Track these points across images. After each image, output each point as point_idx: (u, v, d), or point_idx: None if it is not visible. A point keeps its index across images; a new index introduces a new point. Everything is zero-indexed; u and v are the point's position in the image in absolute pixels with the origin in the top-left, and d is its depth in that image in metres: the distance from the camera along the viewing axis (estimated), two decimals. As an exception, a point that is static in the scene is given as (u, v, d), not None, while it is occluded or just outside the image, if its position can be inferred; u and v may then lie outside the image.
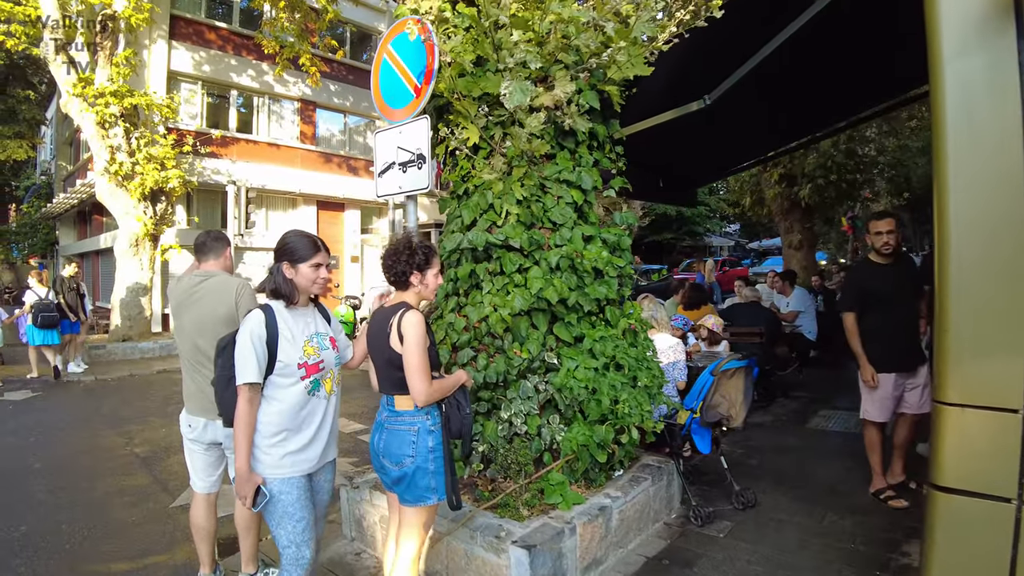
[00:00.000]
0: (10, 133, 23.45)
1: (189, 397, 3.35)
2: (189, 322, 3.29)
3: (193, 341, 3.28)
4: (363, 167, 20.65)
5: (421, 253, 2.81)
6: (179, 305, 3.34)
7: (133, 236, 12.68)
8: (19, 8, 12.57)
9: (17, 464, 6.07)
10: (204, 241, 3.47)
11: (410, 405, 2.68)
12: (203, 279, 3.34)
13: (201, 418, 3.29)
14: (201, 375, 3.27)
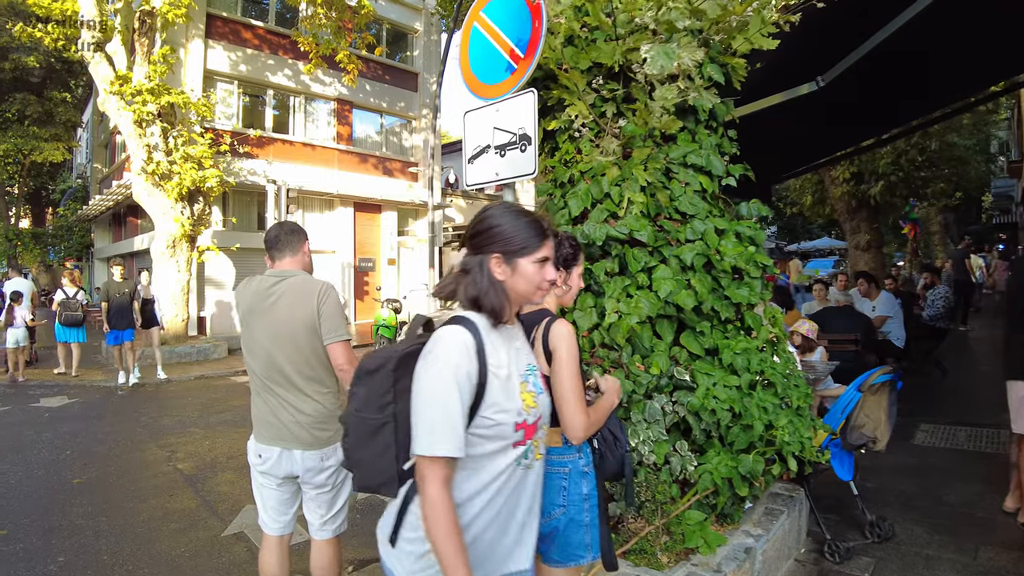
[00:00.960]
0: (47, 136, 23.49)
1: (260, 422, 2.79)
2: (262, 332, 2.72)
3: (267, 355, 2.71)
4: (399, 168, 20.23)
5: (568, 245, 2.22)
6: (250, 312, 2.78)
7: (170, 237, 12.31)
8: (56, 4, 12.34)
9: (55, 481, 5.60)
10: (276, 235, 2.88)
11: (558, 441, 2.07)
12: (278, 280, 2.77)
13: (275, 447, 2.73)
14: (276, 396, 2.72)
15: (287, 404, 2.71)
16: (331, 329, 2.71)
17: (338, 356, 2.71)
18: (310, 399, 2.73)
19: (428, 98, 20.81)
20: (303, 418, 2.71)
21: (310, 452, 2.71)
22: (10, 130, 23.06)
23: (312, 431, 2.71)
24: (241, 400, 9.16)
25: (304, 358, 2.71)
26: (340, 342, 2.72)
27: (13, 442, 7.01)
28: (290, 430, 2.70)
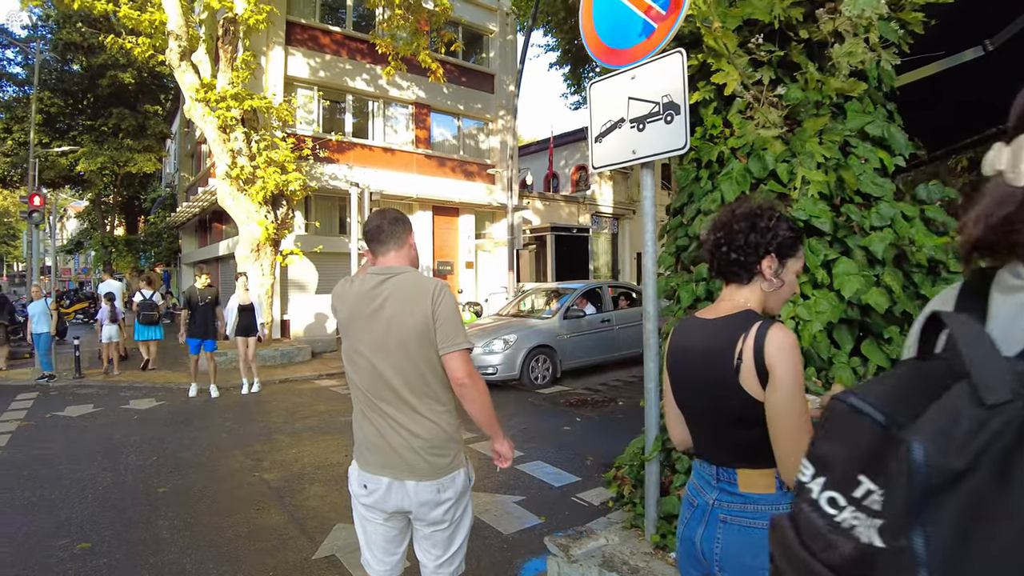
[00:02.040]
0: (140, 147, 24.41)
1: (366, 447, 2.35)
2: (367, 341, 2.30)
3: (373, 367, 2.28)
4: (476, 171, 19.99)
5: (786, 228, 1.71)
6: (351, 317, 2.35)
7: (254, 241, 12.36)
8: (145, 16, 12.62)
9: (141, 489, 5.43)
10: (378, 225, 2.42)
11: (770, 485, 1.59)
12: (384, 278, 2.34)
13: (383, 477, 2.29)
14: (384, 416, 2.29)
15: (397, 425, 2.28)
16: (448, 336, 2.26)
17: (457, 368, 2.25)
18: (424, 419, 2.28)
19: (504, 99, 20.54)
20: (417, 442, 2.27)
21: (425, 483, 2.27)
22: (107, 143, 24.07)
23: (427, 457, 2.27)
24: (327, 405, 8.97)
25: (417, 370, 2.27)
26: (459, 351, 2.26)
27: (103, 444, 6.98)
28: (401, 456, 2.27)
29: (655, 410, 3.18)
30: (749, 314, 1.64)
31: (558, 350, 10.19)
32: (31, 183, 18.13)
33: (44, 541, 4.37)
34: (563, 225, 21.18)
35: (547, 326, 10.33)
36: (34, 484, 5.63)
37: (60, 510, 4.95)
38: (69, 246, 41.91)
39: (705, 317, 1.79)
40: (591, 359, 10.88)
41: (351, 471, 2.44)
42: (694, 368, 1.74)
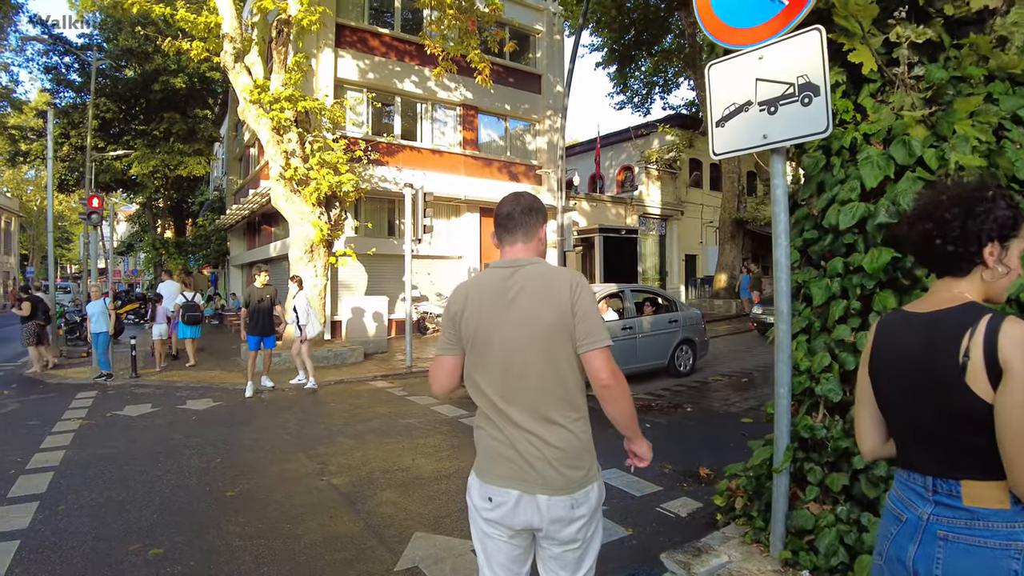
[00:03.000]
0: (191, 151, 24.80)
1: (492, 457, 2.12)
2: (498, 338, 2.07)
3: (505, 368, 2.05)
4: (523, 172, 19.83)
5: (1005, 207, 1.44)
6: (480, 312, 2.12)
7: (308, 242, 12.33)
8: (200, 19, 12.70)
9: (207, 492, 5.30)
10: (509, 212, 2.19)
11: (1002, 500, 1.36)
12: (514, 269, 2.12)
13: (512, 490, 2.05)
14: (513, 424, 2.06)
15: (529, 434, 2.04)
16: (590, 331, 2.01)
17: (601, 367, 2.00)
18: (559, 427, 2.04)
19: (551, 99, 20.35)
20: (551, 452, 2.03)
21: (558, 498, 2.03)
22: (158, 147, 24.54)
23: (562, 469, 2.03)
24: (386, 407, 8.80)
25: (555, 372, 2.03)
26: (601, 348, 2.01)
27: (164, 445, 6.90)
28: (534, 468, 2.03)
29: (786, 418, 2.89)
30: (973, 306, 1.44)
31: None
32: (88, 186, 18.47)
33: (115, 545, 4.25)
34: (611, 226, 20.86)
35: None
36: (100, 485, 5.55)
37: (128, 512, 4.84)
38: (121, 248, 42.92)
39: (916, 311, 1.55)
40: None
41: (471, 482, 2.20)
42: (908, 369, 1.53)
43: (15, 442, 7.17)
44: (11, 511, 4.91)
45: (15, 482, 5.64)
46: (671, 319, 10.51)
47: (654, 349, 10.24)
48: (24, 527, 4.57)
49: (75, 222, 56.07)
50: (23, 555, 4.11)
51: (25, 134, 28.66)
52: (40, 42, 24.75)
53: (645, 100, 28.58)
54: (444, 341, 2.23)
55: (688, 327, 10.70)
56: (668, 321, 10.46)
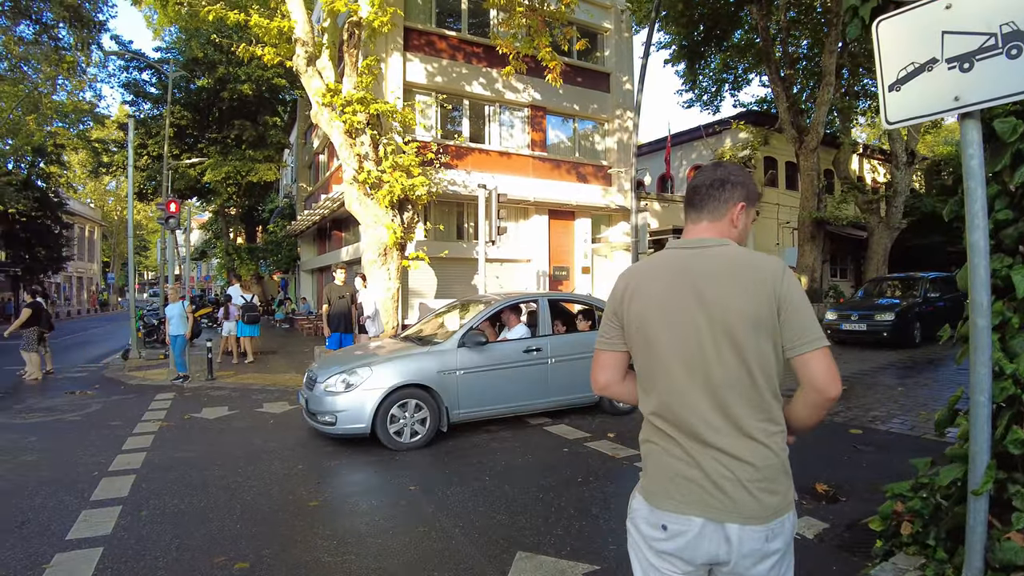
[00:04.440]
0: (261, 157, 25.28)
1: (668, 476, 1.73)
2: (679, 332, 1.71)
3: (684, 368, 1.70)
4: (592, 172, 19.38)
5: None
6: (652, 302, 1.76)
7: (381, 245, 12.20)
8: (274, 23, 12.76)
9: (290, 500, 5.07)
10: (697, 184, 1.85)
11: None
12: (697, 249, 1.77)
13: (695, 517, 1.66)
14: (696, 438, 1.69)
15: (718, 450, 1.66)
16: (805, 329, 1.64)
17: (821, 372, 1.63)
18: (755, 442, 1.66)
19: (620, 98, 19.86)
20: (745, 472, 1.64)
21: (752, 527, 1.63)
22: (231, 154, 25.10)
23: (758, 493, 1.63)
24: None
25: (749, 375, 1.65)
26: (822, 349, 1.64)
27: (244, 449, 6.77)
28: (724, 491, 1.64)
29: (986, 432, 2.38)
30: None
31: (443, 392, 6.93)
32: (165, 193, 18.96)
33: (200, 556, 4.03)
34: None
35: (430, 357, 7.07)
36: (181, 490, 5.40)
37: (211, 521, 4.64)
38: (195, 255, 44.36)
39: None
40: (505, 406, 7.45)
41: (637, 506, 1.82)
42: None
43: (99, 442, 7.16)
44: (94, 515, 4.78)
45: (98, 484, 5.55)
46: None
47: (576, 378, 7.61)
48: (107, 533, 4.42)
49: (152, 230, 58.49)
50: (106, 563, 3.94)
51: (107, 146, 29.86)
52: (120, 56, 25.72)
53: (715, 98, 27.68)
54: (604, 334, 1.90)
55: None
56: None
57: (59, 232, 38.56)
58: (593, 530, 4.32)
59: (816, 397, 1.65)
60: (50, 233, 36.80)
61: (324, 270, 24.09)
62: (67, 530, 4.48)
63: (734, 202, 1.81)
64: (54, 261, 38.37)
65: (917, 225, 24.96)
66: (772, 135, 23.82)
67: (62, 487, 5.53)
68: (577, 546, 4.05)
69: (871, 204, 21.45)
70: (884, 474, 4.94)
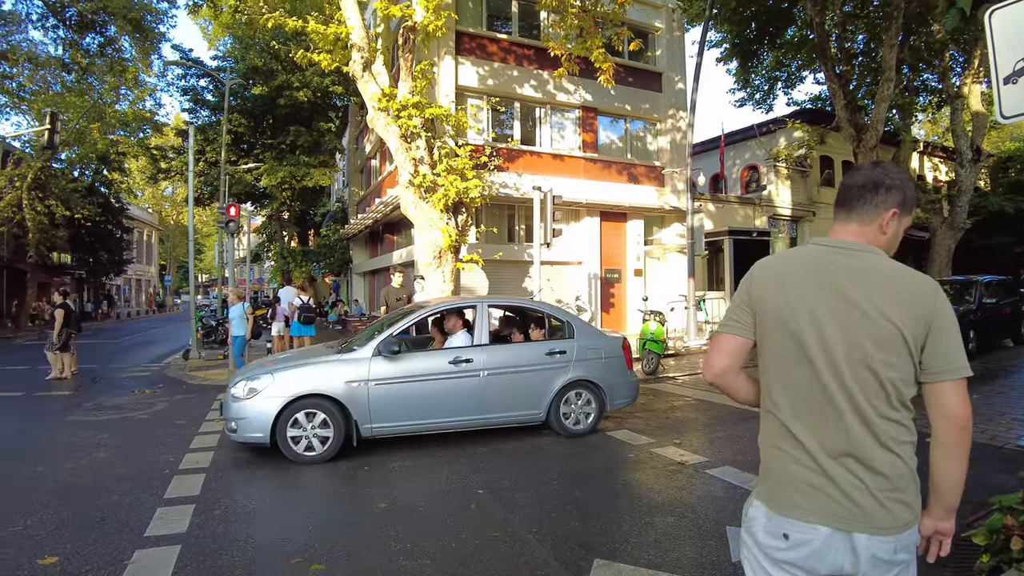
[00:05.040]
0: (316, 162, 25.73)
1: (792, 483, 1.67)
2: (815, 333, 1.64)
3: (826, 369, 1.63)
4: (644, 174, 19.15)
5: None
6: (795, 295, 1.68)
7: (436, 248, 12.24)
8: (330, 29, 12.93)
9: (359, 502, 5.10)
10: (850, 183, 1.77)
11: None
12: (845, 252, 1.69)
13: (820, 526, 1.60)
14: (826, 444, 1.63)
15: (848, 457, 1.60)
16: (950, 355, 1.59)
17: (957, 403, 1.59)
18: (887, 450, 1.59)
19: (673, 98, 19.61)
20: (876, 481, 1.58)
21: (881, 538, 1.58)
22: (286, 159, 25.62)
23: (888, 503, 1.58)
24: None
25: (886, 384, 1.59)
26: (962, 380, 1.60)
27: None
28: (853, 500, 1.58)
29: None
30: None
31: (353, 404, 6.38)
32: (222, 198, 19.42)
33: (274, 557, 4.06)
34: (740, 228, 19.80)
35: (340, 366, 6.55)
36: (251, 489, 5.49)
37: (282, 521, 4.69)
38: (249, 257, 45.46)
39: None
40: (427, 423, 6.77)
41: (755, 513, 1.74)
42: None
43: (168, 441, 7.33)
44: (169, 512, 4.86)
45: (171, 482, 5.66)
46: (553, 350, 7.20)
47: (517, 394, 7.01)
48: (183, 531, 4.48)
49: (207, 234, 60.19)
50: (185, 561, 3.98)
51: (165, 153, 30.83)
52: (180, 65, 26.51)
53: (767, 96, 27.10)
54: (731, 318, 1.82)
55: (589, 363, 7.25)
56: (546, 353, 7.16)
57: (120, 236, 40.13)
58: (668, 538, 4.21)
59: (953, 426, 1.59)
60: (112, 237, 38.30)
61: (376, 273, 24.39)
62: (145, 527, 4.55)
63: (886, 208, 1.72)
64: (116, 264, 39.94)
65: (982, 225, 24.01)
66: (828, 133, 23.21)
67: (137, 484, 5.65)
68: (654, 555, 3.94)
69: (933, 204, 20.67)
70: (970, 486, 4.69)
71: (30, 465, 6.37)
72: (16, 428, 8.54)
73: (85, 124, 24.70)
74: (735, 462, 5.94)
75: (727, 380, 1.84)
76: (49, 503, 5.11)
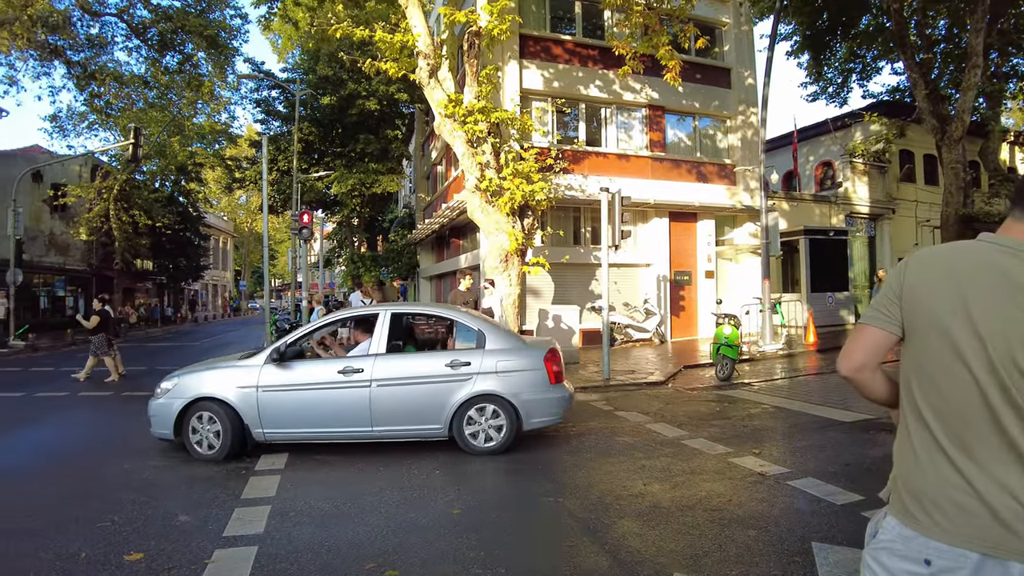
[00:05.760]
0: (384, 169, 26.23)
1: (943, 504, 1.49)
2: (981, 342, 1.45)
3: (990, 386, 1.44)
4: (714, 172, 18.65)
5: None
6: (960, 294, 1.50)
7: (503, 252, 12.24)
8: (396, 38, 13.10)
9: (433, 508, 5.04)
10: None
11: None
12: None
13: (970, 552, 1.42)
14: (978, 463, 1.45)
15: (1003, 478, 1.42)
16: None
17: None
18: None
19: (743, 93, 19.05)
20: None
21: None
22: (355, 167, 26.21)
23: None
24: (596, 422, 8.26)
25: None
26: None
27: (379, 453, 6.83)
28: (1010, 528, 1.39)
29: None
30: None
31: (244, 409, 6.59)
32: (295, 205, 19.96)
33: (349, 561, 4.05)
34: (816, 227, 19.08)
35: (236, 371, 6.82)
36: (324, 491, 5.53)
37: (356, 525, 4.67)
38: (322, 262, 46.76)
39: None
40: (315, 431, 6.80)
41: (887, 536, 1.57)
42: None
43: (244, 442, 7.47)
44: (246, 513, 4.94)
45: (247, 482, 5.77)
46: (456, 361, 6.75)
47: (412, 407, 6.69)
48: (260, 532, 4.54)
49: (279, 240, 62.22)
50: (262, 563, 4.03)
51: (239, 163, 32.03)
52: (252, 79, 27.49)
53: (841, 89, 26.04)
54: (877, 310, 1.66)
55: (498, 376, 6.71)
56: (447, 364, 6.73)
57: (198, 243, 42.01)
58: (750, 553, 4.01)
59: None
60: (190, 244, 40.12)
61: (442, 277, 24.61)
62: (223, 527, 4.64)
63: None
64: (194, 270, 41.81)
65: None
66: (908, 126, 22.13)
67: (215, 484, 5.80)
68: (735, 571, 3.75)
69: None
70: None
71: (118, 463, 6.65)
72: (106, 426, 8.95)
73: (166, 138, 25.90)
74: (818, 473, 5.64)
75: (863, 377, 1.68)
76: (135, 500, 5.29)
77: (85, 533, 4.56)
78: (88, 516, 4.94)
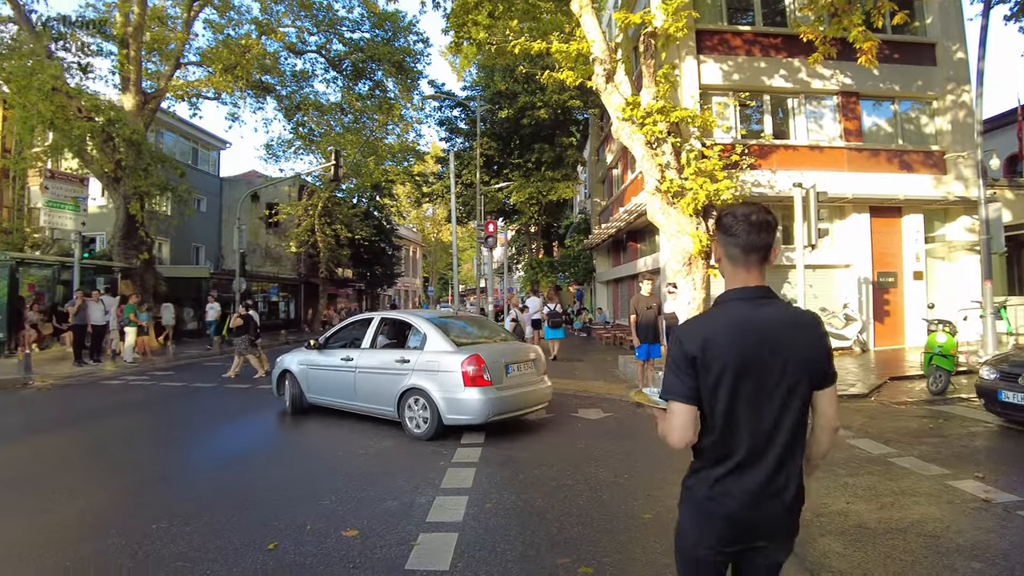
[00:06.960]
0: (559, 176, 26.74)
1: None
2: None
3: None
4: (920, 161, 16.79)
5: None
6: None
7: (685, 255, 11.92)
8: (572, 46, 13.29)
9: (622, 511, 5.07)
10: None
11: None
12: None
13: None
14: None
15: None
16: None
17: None
18: None
19: (952, 70, 16.90)
20: None
21: None
22: (532, 176, 26.98)
23: None
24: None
25: None
26: None
27: (566, 452, 7.06)
28: None
29: None
30: None
31: (301, 378, 9.59)
32: (479, 216, 20.92)
33: (544, 555, 4.18)
34: (1050, 219, 16.59)
35: (301, 354, 9.88)
36: (517, 487, 5.73)
37: (549, 520, 4.81)
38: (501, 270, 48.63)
39: None
40: (330, 399, 9.31)
41: None
42: None
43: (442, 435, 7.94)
44: (447, 502, 5.27)
45: (445, 474, 6.14)
46: (402, 358, 8.26)
47: (376, 391, 8.47)
48: (459, 520, 4.82)
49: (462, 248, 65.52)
50: (463, 549, 4.26)
51: (426, 179, 34.20)
52: (435, 99, 29.22)
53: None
54: None
55: (426, 374, 7.87)
56: (396, 360, 8.30)
57: (391, 253, 45.57)
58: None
59: None
60: (384, 254, 43.67)
61: (619, 281, 24.50)
62: (427, 513, 4.99)
63: None
64: (388, 277, 45.56)
65: None
66: None
67: (417, 473, 6.23)
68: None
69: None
70: None
71: (333, 451, 7.38)
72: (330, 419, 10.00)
73: (361, 158, 28.20)
74: (1057, 504, 4.93)
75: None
76: (349, 485, 5.84)
77: (308, 509, 5.12)
78: (313, 494, 5.55)
